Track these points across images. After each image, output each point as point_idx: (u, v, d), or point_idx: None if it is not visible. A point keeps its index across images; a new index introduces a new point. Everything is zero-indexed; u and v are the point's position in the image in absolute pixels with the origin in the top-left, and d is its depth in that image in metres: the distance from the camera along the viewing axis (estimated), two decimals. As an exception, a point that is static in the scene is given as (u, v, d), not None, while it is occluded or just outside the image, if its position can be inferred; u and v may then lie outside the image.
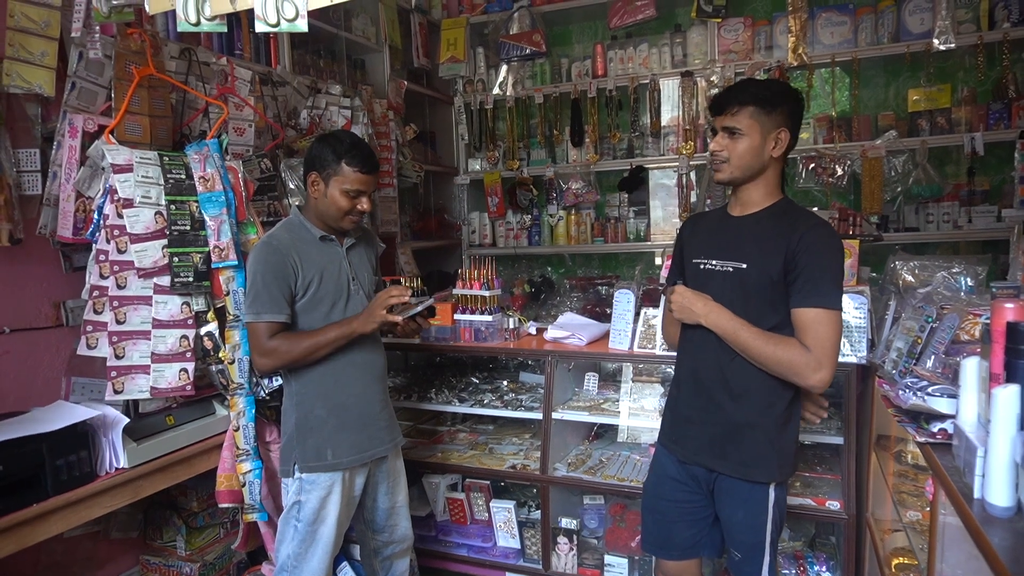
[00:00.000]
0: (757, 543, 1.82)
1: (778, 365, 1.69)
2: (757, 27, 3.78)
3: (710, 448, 1.84)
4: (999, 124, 3.37)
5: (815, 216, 1.79)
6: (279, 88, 2.92)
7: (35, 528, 1.80)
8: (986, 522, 1.13)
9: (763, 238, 1.75)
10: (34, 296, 2.22)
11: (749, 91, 1.74)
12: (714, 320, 1.75)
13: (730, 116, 1.74)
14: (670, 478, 1.95)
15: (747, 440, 1.79)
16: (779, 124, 1.73)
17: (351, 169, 2.03)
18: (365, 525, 2.34)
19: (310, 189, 2.09)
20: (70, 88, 2.07)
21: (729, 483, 1.83)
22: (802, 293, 1.68)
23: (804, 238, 1.68)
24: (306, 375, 2.09)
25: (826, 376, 1.65)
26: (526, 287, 3.86)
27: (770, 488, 1.80)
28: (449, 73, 4.36)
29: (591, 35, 4.39)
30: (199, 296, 2.22)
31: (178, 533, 2.59)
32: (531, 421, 3.18)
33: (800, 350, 1.66)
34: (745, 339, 1.71)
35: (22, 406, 2.11)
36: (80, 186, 2.09)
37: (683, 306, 1.80)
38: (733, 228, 1.83)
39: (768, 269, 1.72)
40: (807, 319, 1.67)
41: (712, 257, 1.84)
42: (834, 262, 1.70)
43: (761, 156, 1.74)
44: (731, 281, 1.78)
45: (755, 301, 1.75)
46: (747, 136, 1.72)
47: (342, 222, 2.10)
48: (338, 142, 2.05)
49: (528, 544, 2.90)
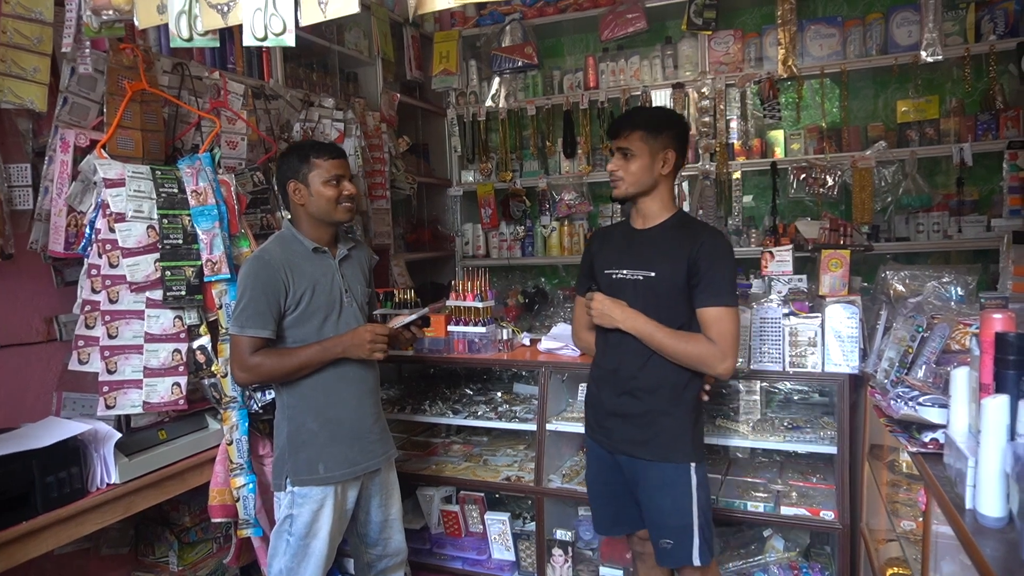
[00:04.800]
0: (685, 526, 1.97)
1: (689, 359, 1.92)
2: (747, 39, 3.81)
3: (632, 438, 2.02)
4: (987, 135, 3.40)
5: (709, 227, 2.09)
6: (272, 101, 2.92)
7: (25, 546, 1.78)
8: (978, 532, 1.14)
9: (668, 249, 1.98)
10: (25, 311, 2.21)
11: (639, 117, 2.01)
12: (631, 324, 1.96)
13: (623, 139, 1.98)
14: (606, 465, 2.13)
15: (665, 427, 1.99)
16: (665, 146, 1.97)
17: (322, 159, 2.09)
18: (358, 539, 2.33)
19: (294, 198, 2.11)
20: (62, 103, 2.07)
21: (654, 470, 2.00)
22: (705, 294, 1.91)
23: (703, 247, 1.92)
24: (298, 388, 2.09)
25: (731, 364, 1.90)
26: (520, 298, 3.85)
27: (691, 469, 1.97)
28: (442, 85, 4.38)
29: (583, 47, 4.42)
30: (192, 310, 2.22)
31: (170, 549, 2.56)
32: (525, 432, 3.18)
33: (707, 344, 1.90)
34: (660, 339, 1.93)
35: (12, 422, 2.09)
36: (72, 201, 2.09)
37: (603, 312, 2.00)
38: (639, 241, 2.05)
39: (675, 276, 1.95)
40: (710, 317, 1.91)
41: (623, 267, 2.04)
42: (729, 266, 1.95)
43: (652, 173, 1.98)
44: (642, 288, 1.99)
45: (665, 304, 1.96)
46: (638, 157, 1.96)
47: (337, 213, 2.11)
48: (298, 147, 2.17)
49: (523, 556, 2.89)
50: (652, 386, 1.99)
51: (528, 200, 4.42)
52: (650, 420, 1.99)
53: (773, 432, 2.56)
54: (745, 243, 3.82)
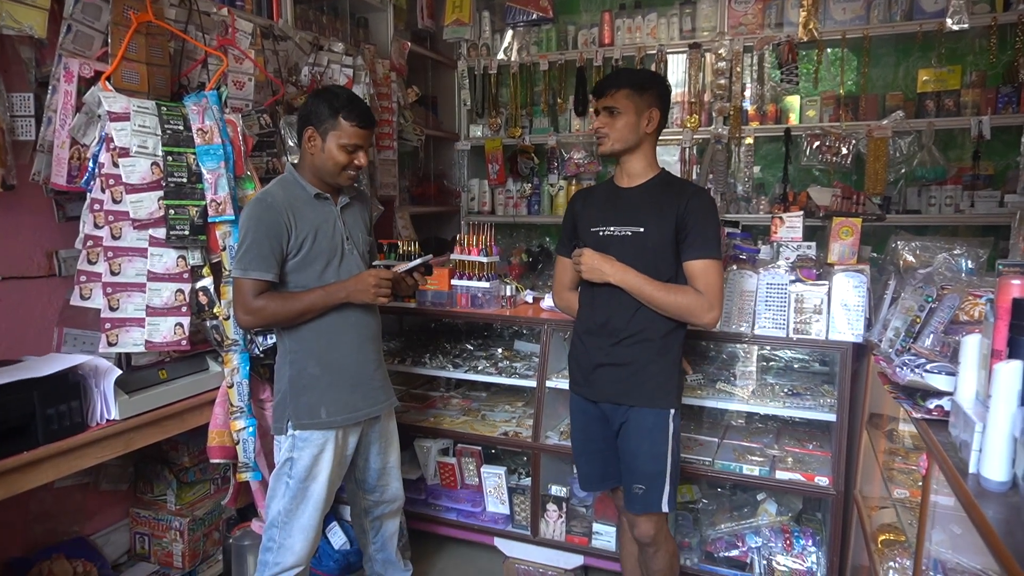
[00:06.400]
0: (659, 472, 2.05)
1: (678, 309, 1.99)
2: (768, 0, 3.71)
3: (619, 386, 2.09)
4: (1008, 108, 3.34)
5: (694, 184, 2.18)
6: (280, 43, 2.86)
7: (25, 476, 1.79)
8: (981, 496, 1.14)
9: (656, 205, 2.04)
10: (27, 244, 2.19)
11: (624, 76, 2.08)
12: (621, 278, 2.01)
13: (609, 98, 2.03)
14: (591, 418, 2.19)
15: (650, 375, 2.06)
16: (650, 104, 2.03)
17: (348, 123, 2.00)
18: (356, 485, 2.35)
19: (306, 145, 2.06)
20: (66, 31, 2.01)
21: (636, 415, 2.07)
22: (692, 248, 1.99)
23: (690, 203, 1.99)
24: (300, 333, 2.08)
25: (717, 314, 1.98)
26: (524, 256, 3.83)
27: (670, 416, 2.06)
28: (453, 36, 4.29)
29: (599, 2, 4.31)
30: (195, 250, 2.20)
31: (168, 487, 2.59)
32: (524, 389, 3.18)
33: (695, 295, 1.98)
34: (649, 292, 1.99)
35: (14, 355, 2.09)
36: (75, 133, 2.05)
37: (592, 267, 2.05)
38: (626, 198, 2.10)
39: (663, 231, 2.01)
40: (697, 269, 1.99)
41: (610, 224, 2.09)
42: (714, 221, 2.02)
43: (637, 131, 2.03)
44: (630, 243, 2.05)
45: (652, 259, 2.02)
46: (624, 114, 2.01)
47: (339, 178, 2.07)
48: (335, 96, 2.02)
49: (517, 510, 2.92)
50: (642, 336, 2.05)
51: (536, 157, 4.36)
52: (637, 368, 2.06)
53: (773, 398, 2.56)
54: (754, 210, 3.77)
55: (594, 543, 2.77)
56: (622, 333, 2.07)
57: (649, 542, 2.13)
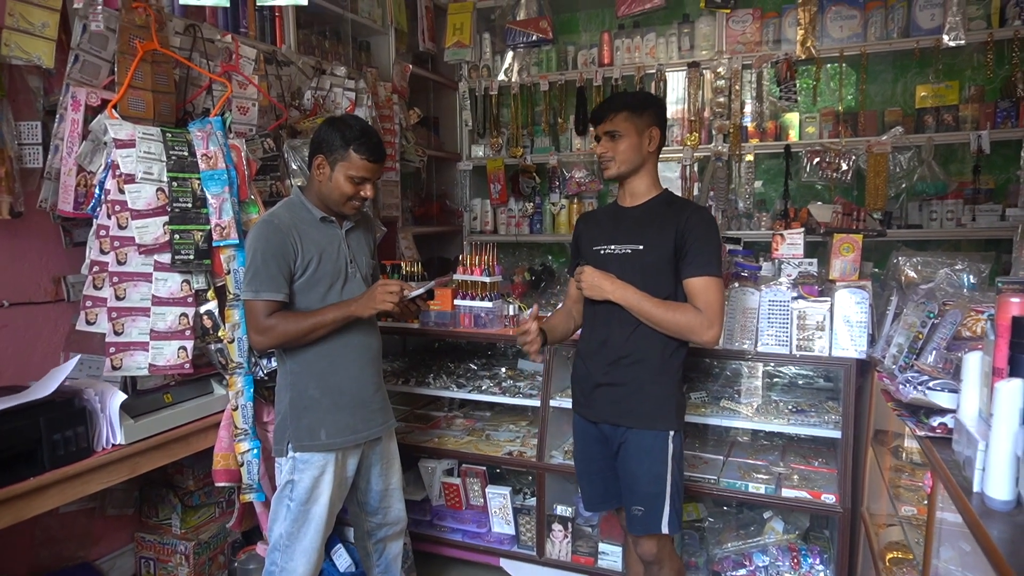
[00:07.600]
0: (657, 493, 2.03)
1: (678, 327, 1.97)
2: (766, 19, 3.75)
3: (618, 406, 2.07)
4: (1007, 122, 3.35)
5: (694, 203, 2.19)
6: (283, 68, 2.89)
7: (32, 501, 1.79)
8: (985, 515, 1.13)
9: (656, 223, 2.04)
10: (34, 270, 2.21)
11: (620, 100, 2.08)
12: (620, 295, 2.00)
13: (609, 122, 2.04)
14: (591, 438, 2.18)
15: (648, 396, 2.04)
16: (649, 123, 2.04)
17: (359, 156, 2.02)
18: (359, 507, 2.35)
19: (315, 171, 2.08)
20: (73, 61, 2.05)
21: (635, 436, 2.05)
22: (692, 265, 1.98)
23: (689, 220, 1.99)
24: (301, 355, 2.09)
25: (717, 332, 1.96)
26: (526, 275, 3.83)
27: (669, 438, 2.03)
28: (454, 58, 4.33)
29: (598, 23, 4.36)
30: (200, 274, 2.21)
31: (173, 511, 2.59)
32: (528, 408, 3.19)
33: (694, 313, 1.96)
34: (648, 309, 1.98)
35: (20, 381, 2.10)
36: (82, 160, 2.08)
37: (593, 284, 2.04)
38: (628, 217, 2.12)
39: (663, 248, 2.01)
40: (697, 286, 1.97)
41: (611, 243, 2.10)
42: (714, 238, 2.02)
43: (640, 151, 2.04)
44: (629, 261, 2.05)
45: (651, 276, 2.02)
46: (625, 136, 2.02)
47: (344, 207, 2.09)
48: (347, 127, 2.03)
49: (523, 530, 2.91)
50: (640, 356, 2.04)
51: (538, 177, 4.39)
52: (636, 388, 2.05)
53: (777, 415, 2.56)
54: (755, 226, 3.79)
55: (600, 563, 2.76)
56: (620, 352, 2.06)
57: (653, 560, 2.12)
